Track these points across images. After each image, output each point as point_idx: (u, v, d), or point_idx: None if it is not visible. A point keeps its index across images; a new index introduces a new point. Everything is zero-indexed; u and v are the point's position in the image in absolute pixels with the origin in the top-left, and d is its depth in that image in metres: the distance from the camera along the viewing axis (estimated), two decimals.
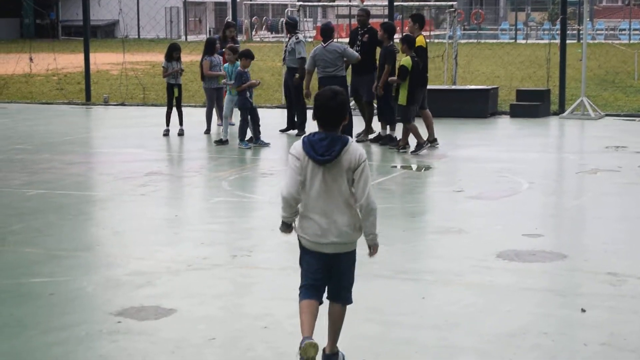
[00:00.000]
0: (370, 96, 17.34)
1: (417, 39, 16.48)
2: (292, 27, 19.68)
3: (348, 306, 6.31)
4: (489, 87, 23.04)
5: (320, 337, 6.16)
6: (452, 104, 21.57)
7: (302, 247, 6.21)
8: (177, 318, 7.25)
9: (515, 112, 21.64)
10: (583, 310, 7.33)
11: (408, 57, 15.80)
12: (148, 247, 9.61)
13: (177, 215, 11.39)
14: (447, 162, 15.22)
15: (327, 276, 6.18)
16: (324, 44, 17.41)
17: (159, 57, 25.71)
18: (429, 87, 17.69)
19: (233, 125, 18.52)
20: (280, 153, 16.17)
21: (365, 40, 17.70)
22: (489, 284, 8.15)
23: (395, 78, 16.01)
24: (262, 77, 28.02)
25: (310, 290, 6.17)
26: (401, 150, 16.06)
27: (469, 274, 8.47)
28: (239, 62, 16.96)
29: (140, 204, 11.92)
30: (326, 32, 17.81)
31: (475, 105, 21.61)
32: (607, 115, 21.51)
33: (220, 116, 18.93)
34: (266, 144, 16.86)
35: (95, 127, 21.73)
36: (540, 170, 14.30)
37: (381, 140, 17.16)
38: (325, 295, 6.23)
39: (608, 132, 18.74)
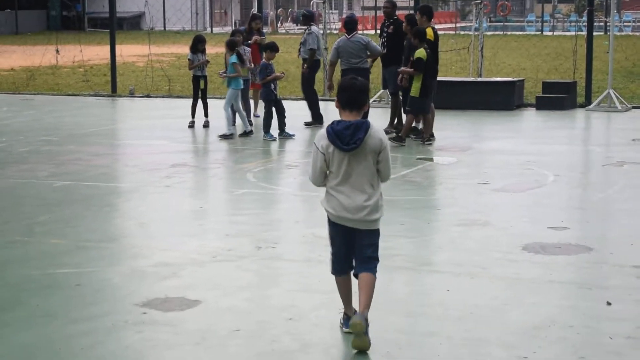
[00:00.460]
0: (395, 87, 17.30)
1: (418, 52, 16.36)
2: (307, 19, 19.76)
3: (373, 297, 6.40)
4: (515, 79, 22.94)
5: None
6: (478, 96, 21.52)
7: (328, 218, 6.63)
8: (202, 309, 7.27)
9: (542, 104, 21.54)
10: (609, 303, 7.30)
11: (422, 49, 15.76)
12: (173, 238, 9.64)
13: (202, 206, 11.42)
14: (473, 154, 15.18)
15: (352, 247, 6.56)
16: (348, 35, 17.41)
17: (185, 49, 25.73)
18: (454, 78, 17.66)
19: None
20: (305, 145, 16.18)
21: (391, 31, 17.65)
22: (515, 276, 8.13)
23: (407, 69, 15.97)
24: (287, 69, 28.03)
25: (338, 264, 6.66)
26: (427, 143, 16.02)
27: (494, 266, 8.45)
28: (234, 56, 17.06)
29: (165, 196, 11.95)
30: (350, 24, 17.82)
31: (501, 98, 21.54)
32: (634, 107, 21.38)
33: (247, 109, 18.85)
34: (291, 136, 16.86)
35: (120, 119, 21.80)
36: (566, 163, 14.24)
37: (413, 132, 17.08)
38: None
39: (635, 125, 18.63)
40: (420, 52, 15.75)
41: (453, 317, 7.04)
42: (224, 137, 17.04)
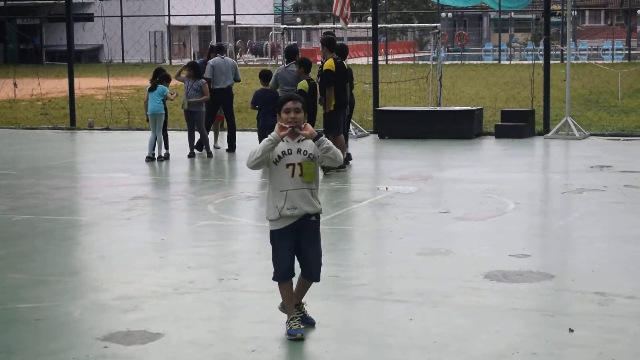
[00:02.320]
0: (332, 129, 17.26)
1: (327, 63, 16.57)
2: (218, 49, 20.05)
3: (336, 327, 6.46)
4: (474, 108, 23.09)
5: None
6: (437, 125, 21.63)
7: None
8: (165, 342, 7.22)
9: (501, 132, 21.68)
10: (571, 330, 7.33)
11: (304, 81, 16.44)
12: (134, 271, 9.57)
13: (163, 239, 11.36)
14: (433, 183, 15.23)
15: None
16: (287, 64, 17.63)
17: (144, 81, 25.71)
18: (414, 108, 17.77)
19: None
20: (265, 177, 16.15)
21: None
22: (477, 304, 8.14)
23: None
24: (246, 100, 28.00)
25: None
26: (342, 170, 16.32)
27: (457, 295, 8.46)
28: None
29: (126, 228, 11.88)
30: (289, 54, 18.23)
31: (460, 126, 21.65)
32: (591, 134, 21.58)
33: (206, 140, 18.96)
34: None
35: (80, 152, 21.68)
36: (526, 191, 14.32)
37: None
38: None
39: (593, 152, 18.80)
40: (302, 84, 16.35)
41: (417, 346, 7.04)
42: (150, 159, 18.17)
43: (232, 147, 19.30)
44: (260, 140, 15.49)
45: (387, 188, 14.60)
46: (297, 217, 7.22)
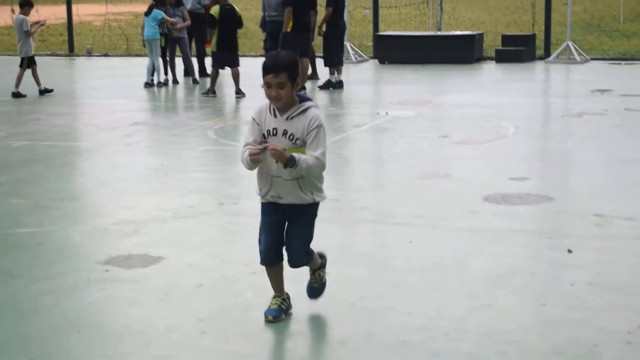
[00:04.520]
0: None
1: None
2: None
3: (337, 250, 6.36)
4: (475, 32, 22.97)
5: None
6: (438, 50, 21.55)
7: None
8: (165, 266, 7.25)
9: (501, 57, 21.61)
10: (570, 251, 7.36)
11: (215, 7, 16.95)
12: (135, 196, 9.59)
13: (163, 164, 11.35)
14: (433, 108, 15.20)
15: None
16: None
17: (142, 7, 25.48)
18: (414, 33, 17.72)
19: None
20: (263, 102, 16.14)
21: None
22: (476, 227, 8.17)
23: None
24: (246, 25, 27.85)
25: None
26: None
27: (457, 217, 8.48)
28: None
29: (126, 154, 11.88)
30: None
31: (461, 51, 21.57)
32: (592, 59, 21.50)
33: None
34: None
35: (79, 78, 21.62)
36: (526, 115, 14.30)
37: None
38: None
39: (593, 76, 18.73)
40: (214, 10, 17.01)
41: (417, 269, 7.07)
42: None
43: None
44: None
45: (386, 113, 14.57)
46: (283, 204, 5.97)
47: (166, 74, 19.00)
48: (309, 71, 17.99)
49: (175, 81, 19.04)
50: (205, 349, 5.58)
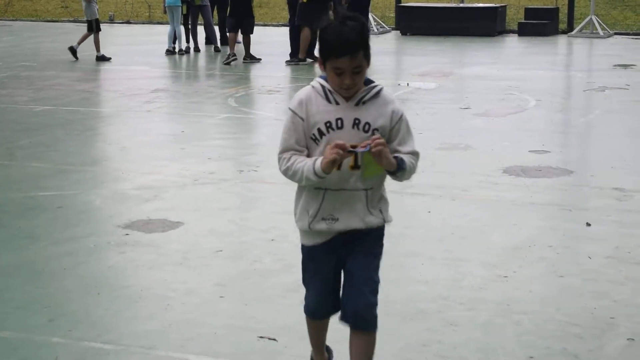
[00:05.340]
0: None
1: None
2: None
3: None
4: (497, 5, 22.85)
5: None
6: (460, 23, 21.46)
7: None
8: (184, 231, 7.29)
9: (524, 30, 21.51)
10: (588, 224, 7.35)
11: None
12: (155, 162, 9.62)
13: (183, 131, 11.38)
14: (454, 79, 15.16)
15: None
16: None
17: None
18: (437, 4, 17.67)
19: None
20: (286, 71, 16.12)
21: None
22: (496, 198, 8.17)
23: None
24: None
25: None
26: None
27: (476, 189, 8.48)
28: None
29: (146, 120, 11.92)
30: None
31: (483, 24, 21.49)
32: (616, 33, 21.37)
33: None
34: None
35: (101, 45, 21.61)
36: (547, 88, 14.25)
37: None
38: None
39: (616, 51, 18.63)
40: None
41: (434, 238, 7.08)
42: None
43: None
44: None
45: (407, 84, 14.54)
46: (336, 232, 4.23)
47: (188, 41, 19.01)
48: None
49: (196, 49, 19.06)
50: (223, 312, 5.61)
